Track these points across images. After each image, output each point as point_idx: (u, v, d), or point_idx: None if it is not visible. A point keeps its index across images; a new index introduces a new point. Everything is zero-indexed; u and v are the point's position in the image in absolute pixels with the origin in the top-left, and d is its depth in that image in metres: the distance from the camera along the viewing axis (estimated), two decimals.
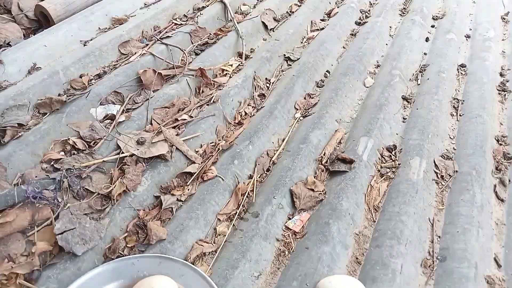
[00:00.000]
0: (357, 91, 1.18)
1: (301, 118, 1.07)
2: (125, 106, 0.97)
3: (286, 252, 0.77)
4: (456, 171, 0.94)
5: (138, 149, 0.86)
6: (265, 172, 0.92)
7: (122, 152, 0.85)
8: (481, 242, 0.79)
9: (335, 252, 0.74)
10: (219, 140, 0.96)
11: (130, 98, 1.00)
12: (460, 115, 1.12)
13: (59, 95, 0.96)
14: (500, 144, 1.03)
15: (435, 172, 0.94)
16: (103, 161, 0.83)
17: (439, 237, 0.82)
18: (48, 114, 0.91)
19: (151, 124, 0.94)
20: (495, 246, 0.82)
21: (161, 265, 0.67)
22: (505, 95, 1.21)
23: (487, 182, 0.93)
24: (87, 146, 0.86)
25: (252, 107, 1.08)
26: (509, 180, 0.95)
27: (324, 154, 0.95)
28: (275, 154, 0.96)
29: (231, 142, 0.95)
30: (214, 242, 0.77)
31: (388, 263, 0.72)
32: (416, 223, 0.81)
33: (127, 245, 0.73)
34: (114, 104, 0.98)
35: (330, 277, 0.66)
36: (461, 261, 0.75)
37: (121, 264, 0.67)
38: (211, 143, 0.95)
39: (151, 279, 0.61)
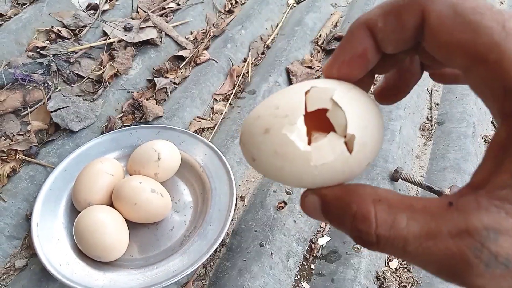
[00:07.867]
0: None
1: (295, 4, 1.02)
2: None
3: None
4: None
5: (126, 35, 0.83)
6: (260, 55, 0.89)
7: (110, 38, 0.82)
8: (479, 105, 0.79)
9: None
10: (209, 27, 0.92)
11: None
12: None
13: None
14: None
15: None
16: (91, 46, 0.80)
17: (437, 104, 0.81)
18: (27, 4, 0.86)
19: (137, 12, 0.90)
20: None
21: (160, 134, 0.66)
22: None
23: None
24: (72, 34, 0.83)
25: None
26: None
27: (320, 36, 0.92)
28: (269, 38, 0.93)
29: (223, 28, 0.91)
30: (212, 119, 0.76)
31: (387, 125, 0.72)
32: (414, 91, 0.80)
33: (124, 124, 0.73)
34: None
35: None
36: (459, 122, 0.75)
37: (119, 135, 0.66)
38: (201, 30, 0.91)
39: (152, 142, 0.61)
